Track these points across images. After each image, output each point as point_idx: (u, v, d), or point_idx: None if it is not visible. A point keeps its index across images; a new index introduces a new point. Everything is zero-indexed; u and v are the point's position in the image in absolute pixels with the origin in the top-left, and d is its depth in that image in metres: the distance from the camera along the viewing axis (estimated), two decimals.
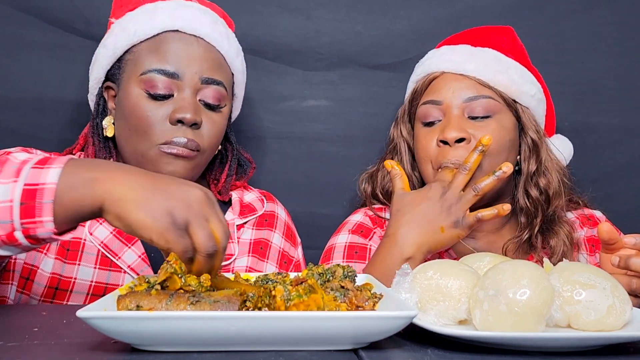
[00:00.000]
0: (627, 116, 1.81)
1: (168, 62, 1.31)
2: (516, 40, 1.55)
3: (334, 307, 0.86)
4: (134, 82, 1.32)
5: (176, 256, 0.88)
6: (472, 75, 1.43)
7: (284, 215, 1.54)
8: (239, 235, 1.44)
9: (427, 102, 1.46)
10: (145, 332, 0.77)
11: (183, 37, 1.34)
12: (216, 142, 1.38)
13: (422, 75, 1.51)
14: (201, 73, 1.33)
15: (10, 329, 0.93)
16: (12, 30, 1.63)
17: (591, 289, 0.89)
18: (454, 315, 0.91)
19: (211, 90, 1.34)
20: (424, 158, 1.46)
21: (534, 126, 1.46)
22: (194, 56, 1.33)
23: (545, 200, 1.45)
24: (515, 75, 1.45)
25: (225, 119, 1.39)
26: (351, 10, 1.78)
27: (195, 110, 1.31)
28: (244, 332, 0.77)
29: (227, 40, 1.39)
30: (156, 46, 1.33)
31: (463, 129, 1.40)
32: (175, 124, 1.30)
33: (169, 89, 1.31)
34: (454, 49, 1.50)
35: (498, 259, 1.02)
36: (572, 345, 0.85)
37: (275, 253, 1.46)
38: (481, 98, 1.42)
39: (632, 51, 1.81)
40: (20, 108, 1.62)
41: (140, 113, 1.30)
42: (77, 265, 1.30)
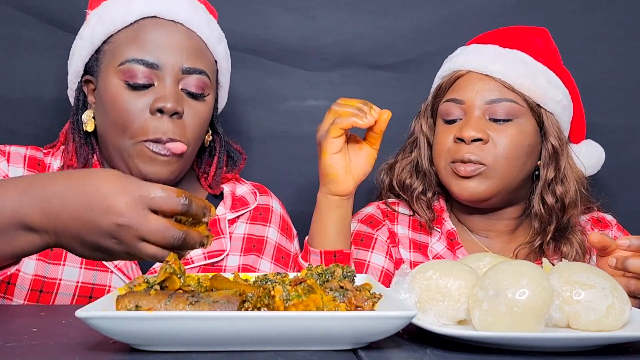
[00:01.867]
0: (628, 116, 1.81)
1: (147, 51, 1.27)
2: (549, 43, 1.54)
3: (333, 307, 0.86)
4: (113, 72, 1.27)
5: (175, 256, 0.88)
6: (497, 77, 1.42)
7: (279, 208, 1.50)
8: (231, 230, 1.40)
9: (449, 100, 1.46)
10: (145, 332, 0.77)
11: (161, 24, 1.30)
12: (200, 132, 1.33)
13: (447, 72, 1.50)
14: (182, 62, 1.28)
15: (9, 329, 0.93)
16: (12, 30, 1.63)
17: (590, 289, 0.89)
18: (453, 316, 0.91)
19: (193, 79, 1.30)
20: (439, 152, 1.46)
21: (556, 132, 1.45)
22: (174, 44, 1.29)
23: (561, 208, 1.45)
24: (541, 79, 1.44)
25: (209, 109, 1.34)
26: (352, 10, 1.78)
27: (177, 99, 1.26)
28: (243, 332, 0.77)
29: (207, 25, 1.35)
30: (134, 34, 1.29)
31: (482, 129, 1.40)
32: (155, 114, 1.25)
33: (149, 78, 1.27)
34: (481, 49, 1.49)
35: (498, 259, 1.02)
36: (571, 345, 0.85)
37: (271, 248, 1.42)
38: (504, 101, 1.41)
39: (632, 51, 1.81)
40: (20, 108, 1.62)
41: (120, 104, 1.26)
42: (62, 266, 1.26)
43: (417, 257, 1.48)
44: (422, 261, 1.45)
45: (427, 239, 1.51)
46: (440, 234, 1.50)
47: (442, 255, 1.47)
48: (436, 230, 1.51)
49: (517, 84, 1.42)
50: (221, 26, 1.69)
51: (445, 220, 1.51)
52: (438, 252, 1.47)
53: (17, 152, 1.34)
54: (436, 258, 1.46)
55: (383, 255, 1.46)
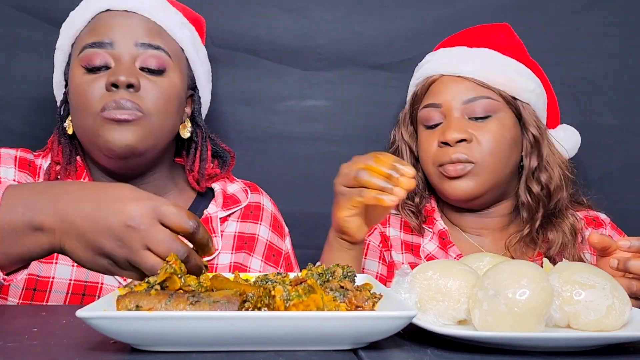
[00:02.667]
0: (627, 116, 1.81)
1: (101, 34, 1.31)
2: (513, 37, 1.56)
3: (333, 307, 0.86)
4: (75, 66, 1.32)
5: (176, 256, 0.88)
6: (469, 77, 1.45)
7: (270, 206, 1.50)
8: (222, 228, 1.41)
9: (427, 106, 1.48)
10: (145, 332, 0.77)
11: (115, 14, 1.33)
12: (163, 105, 1.30)
13: (421, 79, 1.53)
14: (136, 39, 1.31)
15: (10, 329, 0.93)
16: (12, 30, 1.63)
17: (591, 289, 0.89)
18: (453, 315, 0.91)
19: (150, 54, 1.31)
20: (425, 158, 1.48)
21: (534, 122, 1.47)
22: (128, 26, 1.32)
23: (547, 195, 1.46)
24: (513, 72, 1.47)
25: (172, 85, 1.33)
26: (350, 10, 1.78)
27: (131, 72, 1.27)
28: (243, 332, 0.77)
29: (162, 11, 1.36)
30: (90, 27, 1.34)
31: (464, 129, 1.41)
32: (110, 89, 1.26)
33: (105, 60, 1.29)
34: (450, 51, 1.52)
35: (498, 259, 1.02)
36: (571, 345, 0.85)
37: (262, 246, 1.43)
38: (480, 99, 1.43)
39: (632, 51, 1.81)
40: (20, 108, 1.62)
41: (81, 89, 1.29)
42: (55, 264, 1.27)
43: (409, 258, 1.49)
44: (414, 262, 1.47)
45: (419, 239, 1.52)
46: (432, 234, 1.50)
47: (434, 255, 1.47)
48: (428, 231, 1.51)
49: (491, 80, 1.44)
50: (219, 26, 1.70)
51: (437, 220, 1.52)
52: (430, 252, 1.48)
53: (8, 154, 1.36)
54: (429, 258, 1.47)
55: (376, 261, 1.48)
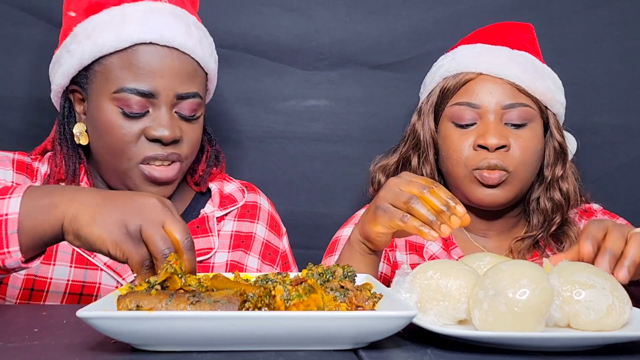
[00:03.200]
0: (627, 116, 1.81)
1: (142, 79, 1.26)
2: (535, 39, 1.55)
3: (333, 307, 0.86)
4: (107, 98, 1.27)
5: (176, 256, 0.88)
6: (511, 81, 1.42)
7: (267, 205, 1.50)
8: (219, 227, 1.41)
9: (462, 104, 1.44)
10: (145, 332, 0.77)
11: (157, 51, 1.27)
12: (195, 150, 1.36)
13: (454, 72, 1.47)
14: (176, 89, 1.28)
15: (10, 329, 0.93)
16: (12, 30, 1.63)
17: (591, 288, 0.89)
18: (453, 315, 0.91)
19: (187, 103, 1.30)
20: (457, 159, 1.44)
21: (559, 132, 1.47)
22: (169, 71, 1.27)
23: (566, 203, 1.47)
24: (550, 82, 1.46)
25: (201, 125, 1.36)
26: (351, 10, 1.78)
27: (173, 127, 1.28)
28: (243, 332, 0.77)
29: (199, 44, 1.33)
30: (129, 61, 1.26)
31: (504, 136, 1.40)
32: (153, 142, 1.28)
33: (144, 107, 1.27)
34: (492, 51, 1.47)
35: (498, 259, 1.02)
36: (571, 345, 0.85)
37: (259, 245, 1.43)
38: (519, 105, 1.41)
39: (632, 51, 1.81)
40: (20, 108, 1.62)
41: (116, 131, 1.27)
42: (53, 265, 1.28)
43: (413, 258, 1.48)
44: (419, 262, 1.46)
45: (423, 240, 1.50)
46: None
47: (437, 256, 1.47)
48: None
49: (531, 87, 1.42)
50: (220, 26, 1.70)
51: None
52: (434, 253, 1.48)
53: (5, 156, 1.35)
54: (432, 259, 1.46)
55: (381, 260, 1.46)
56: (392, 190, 1.13)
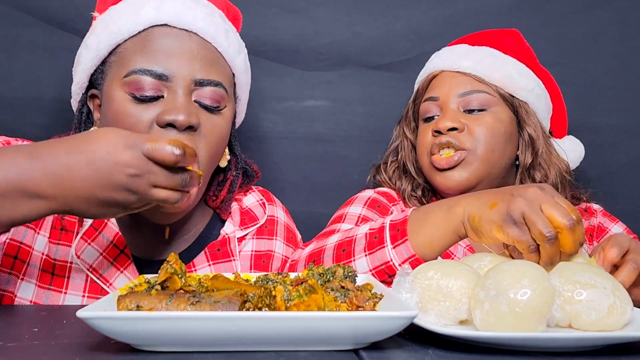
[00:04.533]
0: (627, 116, 1.81)
1: (155, 60, 1.14)
2: (521, 42, 1.58)
3: (334, 308, 0.86)
4: (117, 85, 1.15)
5: (176, 256, 0.88)
6: (467, 72, 1.49)
7: (283, 217, 1.43)
8: (240, 248, 1.33)
9: (426, 100, 1.53)
10: (145, 332, 0.77)
11: (172, 32, 1.16)
12: (217, 150, 1.19)
13: (423, 76, 1.58)
14: (194, 74, 1.15)
15: (10, 329, 0.93)
16: (12, 30, 1.63)
17: (592, 288, 0.89)
18: (454, 316, 0.91)
19: (208, 91, 1.17)
20: (421, 151, 1.52)
21: (532, 121, 1.49)
22: (186, 54, 1.15)
23: None
24: (512, 70, 1.50)
25: (228, 123, 1.21)
26: (351, 10, 1.78)
27: (189, 111, 1.13)
28: (244, 333, 0.77)
29: (225, 35, 1.21)
30: (142, 44, 1.16)
31: (456, 119, 1.45)
32: (165, 127, 1.12)
33: (157, 90, 1.14)
34: (452, 49, 1.57)
35: (499, 259, 1.02)
36: (572, 345, 0.85)
37: (278, 262, 1.36)
38: (476, 92, 1.47)
39: (632, 51, 1.81)
40: (20, 108, 1.62)
41: (125, 119, 1.13)
42: (64, 294, 1.20)
43: None
44: None
45: None
46: None
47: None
48: None
49: (487, 76, 1.48)
50: None
51: None
52: None
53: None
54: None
55: None
56: (534, 208, 0.97)
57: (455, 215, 1.08)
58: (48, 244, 1.23)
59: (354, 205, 1.49)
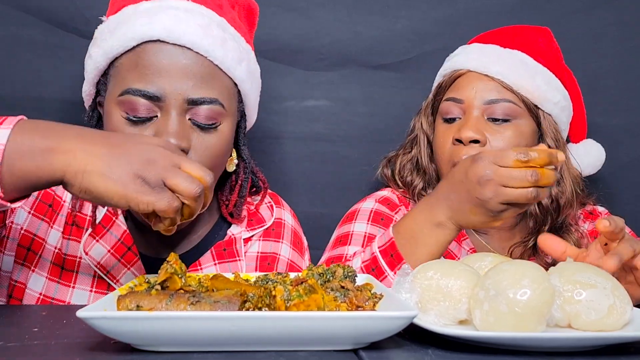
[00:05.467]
0: (627, 116, 1.81)
1: (148, 80, 1.13)
2: (551, 43, 1.54)
3: (334, 307, 0.86)
4: (114, 103, 1.15)
5: (176, 256, 0.88)
6: (496, 78, 1.43)
7: (290, 220, 1.43)
8: (246, 249, 1.34)
9: (449, 99, 1.47)
10: (145, 332, 0.77)
11: (165, 49, 1.14)
12: (213, 165, 1.18)
13: (448, 71, 1.51)
14: (187, 93, 1.13)
15: (10, 329, 0.93)
16: (12, 30, 1.62)
17: (592, 288, 0.89)
18: (454, 316, 0.91)
19: (203, 109, 1.15)
20: (440, 155, 1.47)
21: (553, 134, 1.46)
22: (179, 72, 1.14)
23: (556, 209, 1.45)
24: (541, 81, 1.45)
25: (223, 138, 1.20)
26: (351, 10, 1.77)
27: (179, 134, 1.12)
28: (244, 333, 0.77)
29: (221, 47, 1.18)
30: (135, 61, 1.15)
31: (479, 130, 1.40)
32: None
33: (151, 111, 1.13)
34: (482, 48, 1.50)
35: (499, 259, 1.02)
36: (572, 345, 0.85)
37: (283, 266, 1.36)
38: (502, 101, 1.41)
39: (632, 51, 1.81)
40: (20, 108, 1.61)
41: None
42: (72, 288, 1.21)
43: None
44: None
45: None
46: None
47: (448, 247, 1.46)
48: None
49: (517, 85, 1.42)
50: None
51: None
52: None
53: None
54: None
55: None
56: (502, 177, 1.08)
57: (445, 230, 1.17)
58: (61, 239, 1.25)
59: (358, 222, 1.47)
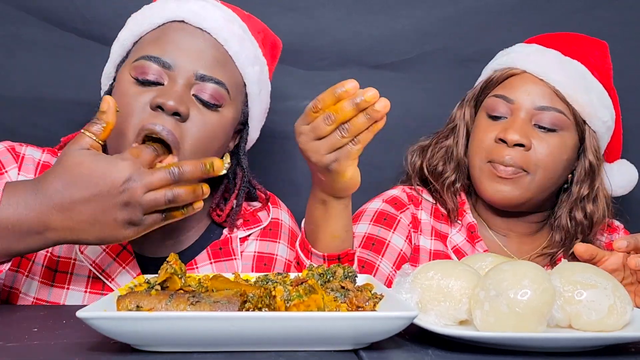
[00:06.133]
0: (627, 116, 1.80)
1: (164, 50, 1.19)
2: (606, 58, 1.52)
3: (334, 308, 0.86)
4: (127, 68, 1.20)
5: (176, 256, 0.88)
6: (552, 84, 1.40)
7: (288, 221, 1.44)
8: (242, 248, 1.35)
9: (499, 96, 1.44)
10: (145, 332, 0.77)
11: (187, 28, 1.22)
12: (205, 144, 1.18)
13: (503, 67, 1.47)
14: (197, 68, 1.19)
15: (10, 329, 0.93)
16: (12, 30, 1.62)
17: (592, 289, 0.89)
18: (454, 316, 0.91)
19: (209, 87, 1.19)
20: (477, 149, 1.45)
21: (595, 151, 1.45)
22: (194, 49, 1.20)
23: (588, 226, 1.46)
24: (595, 97, 1.43)
25: (222, 122, 1.22)
26: (352, 10, 1.77)
27: (181, 99, 1.15)
28: (244, 333, 0.77)
29: (239, 42, 1.25)
30: (158, 36, 1.22)
31: (526, 135, 1.39)
32: (155, 110, 1.14)
33: (159, 76, 1.18)
34: (543, 52, 1.46)
35: (500, 259, 1.02)
36: (572, 345, 0.85)
37: (281, 266, 1.37)
38: (553, 110, 1.40)
39: (632, 51, 1.80)
40: (20, 108, 1.62)
41: (124, 99, 1.15)
42: (66, 290, 1.22)
43: (437, 245, 1.48)
44: (442, 250, 1.47)
45: (448, 229, 1.50)
46: (461, 226, 1.49)
47: (461, 247, 1.46)
48: (457, 222, 1.50)
49: (571, 96, 1.40)
50: None
51: (467, 213, 1.50)
52: (457, 244, 1.47)
53: (32, 158, 1.30)
54: (455, 249, 1.46)
55: (403, 239, 1.45)
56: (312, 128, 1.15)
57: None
58: None
59: (361, 222, 1.46)
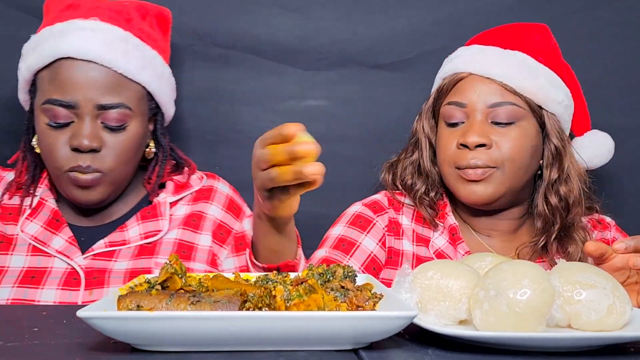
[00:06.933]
0: (628, 116, 1.81)
1: (64, 91, 1.35)
2: (549, 39, 1.53)
3: (334, 307, 0.86)
4: (39, 110, 1.38)
5: (176, 256, 0.88)
6: (498, 80, 1.42)
7: (227, 190, 1.54)
8: (172, 212, 1.48)
9: (451, 103, 1.46)
10: (145, 332, 0.77)
11: (75, 64, 1.36)
12: (122, 160, 1.40)
13: (449, 74, 1.49)
14: (96, 100, 1.35)
15: (10, 329, 0.93)
16: (12, 30, 1.62)
17: (591, 288, 0.89)
18: (454, 316, 0.91)
19: (112, 113, 1.37)
20: (443, 158, 1.47)
21: (557, 133, 1.46)
22: (88, 83, 1.36)
23: (565, 208, 1.45)
24: (544, 81, 1.44)
25: (131, 137, 1.40)
26: (351, 10, 1.77)
27: (92, 136, 1.35)
28: (244, 332, 0.77)
29: (124, 58, 1.39)
30: (53, 75, 1.37)
31: (485, 134, 1.40)
32: (74, 151, 1.35)
33: (68, 117, 1.36)
34: (483, 50, 1.49)
35: (499, 259, 1.02)
36: (572, 345, 0.85)
37: (210, 223, 1.48)
38: (506, 104, 1.41)
39: (632, 51, 1.81)
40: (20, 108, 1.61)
41: (46, 141, 1.38)
42: (10, 255, 1.40)
43: (420, 250, 1.49)
44: (424, 254, 1.48)
45: (430, 232, 1.51)
46: (443, 229, 1.50)
47: (443, 250, 1.46)
48: (440, 225, 1.51)
49: (520, 87, 1.42)
50: (219, 26, 1.71)
51: (448, 215, 1.51)
52: (440, 247, 1.48)
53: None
54: (437, 252, 1.47)
55: (375, 242, 1.47)
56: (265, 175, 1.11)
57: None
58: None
59: (338, 225, 1.50)
